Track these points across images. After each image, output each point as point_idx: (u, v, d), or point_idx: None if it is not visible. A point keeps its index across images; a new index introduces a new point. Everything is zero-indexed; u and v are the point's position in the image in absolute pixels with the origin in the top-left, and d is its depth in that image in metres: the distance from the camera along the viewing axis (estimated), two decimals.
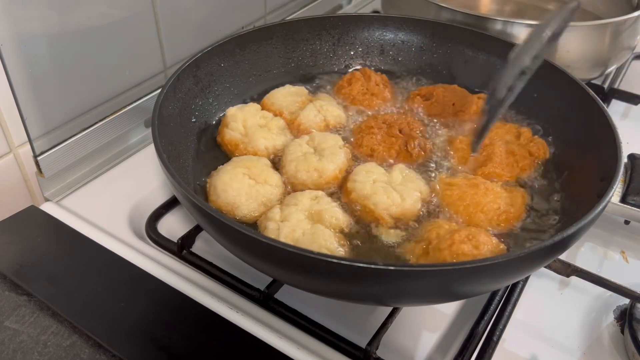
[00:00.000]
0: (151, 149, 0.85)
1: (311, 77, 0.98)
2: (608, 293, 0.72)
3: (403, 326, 0.68)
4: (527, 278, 0.72)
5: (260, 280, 0.68)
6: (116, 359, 0.59)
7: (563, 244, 0.55)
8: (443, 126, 0.87)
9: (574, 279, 0.72)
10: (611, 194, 0.59)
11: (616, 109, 1.10)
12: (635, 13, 0.97)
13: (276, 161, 0.79)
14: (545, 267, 0.67)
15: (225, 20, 1.06)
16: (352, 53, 1.01)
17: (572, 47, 0.95)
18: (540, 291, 0.73)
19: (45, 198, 0.82)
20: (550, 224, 0.71)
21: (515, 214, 0.70)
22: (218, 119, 0.87)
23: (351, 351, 0.62)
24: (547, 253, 0.55)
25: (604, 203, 0.58)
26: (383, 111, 0.90)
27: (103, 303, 0.64)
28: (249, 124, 0.81)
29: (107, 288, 0.66)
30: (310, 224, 0.66)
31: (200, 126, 0.84)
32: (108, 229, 0.76)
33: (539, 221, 0.71)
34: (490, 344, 0.63)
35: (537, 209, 0.73)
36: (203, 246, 0.76)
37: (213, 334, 0.62)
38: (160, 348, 0.60)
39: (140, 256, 0.72)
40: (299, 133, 0.84)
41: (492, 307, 0.67)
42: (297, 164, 0.75)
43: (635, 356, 0.64)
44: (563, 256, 0.67)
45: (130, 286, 0.67)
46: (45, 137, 0.80)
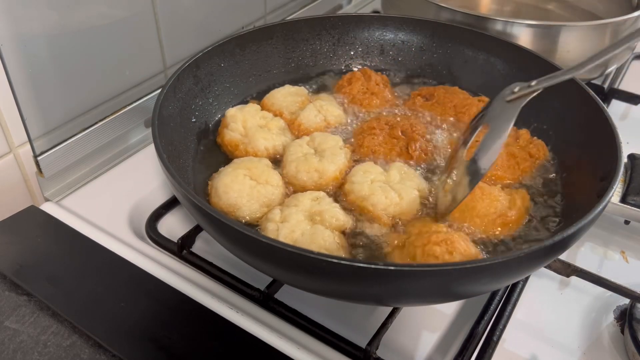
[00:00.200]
0: (151, 149, 0.85)
1: (311, 77, 0.98)
2: (608, 293, 0.72)
3: (403, 326, 0.68)
4: (527, 278, 0.72)
5: (260, 280, 0.68)
6: (116, 359, 0.59)
7: (563, 244, 0.55)
8: (443, 129, 0.87)
9: (574, 279, 0.72)
10: (611, 194, 0.59)
11: (616, 109, 1.10)
12: (635, 13, 0.97)
13: (277, 161, 0.79)
14: (545, 267, 0.67)
15: (225, 20, 1.06)
16: (352, 53, 1.01)
17: (572, 47, 0.95)
18: (540, 291, 0.73)
19: (45, 198, 0.82)
20: (550, 224, 0.71)
21: (515, 217, 0.70)
22: (218, 119, 0.87)
23: (351, 351, 0.62)
24: (547, 253, 0.55)
25: (604, 203, 0.58)
26: (383, 111, 0.90)
27: (103, 303, 0.64)
28: (249, 125, 0.81)
29: (107, 288, 0.66)
30: (310, 225, 0.66)
31: (200, 126, 0.84)
32: (108, 229, 0.76)
33: (539, 221, 0.71)
34: (490, 344, 0.63)
35: (538, 209, 0.73)
36: (203, 246, 0.76)
37: (213, 334, 0.62)
38: (160, 348, 0.60)
39: (140, 256, 0.72)
40: (299, 133, 0.84)
41: (492, 307, 0.67)
42: (298, 165, 0.75)
43: (635, 356, 0.64)
44: (563, 256, 0.67)
45: (130, 286, 0.67)
46: (45, 137, 0.80)
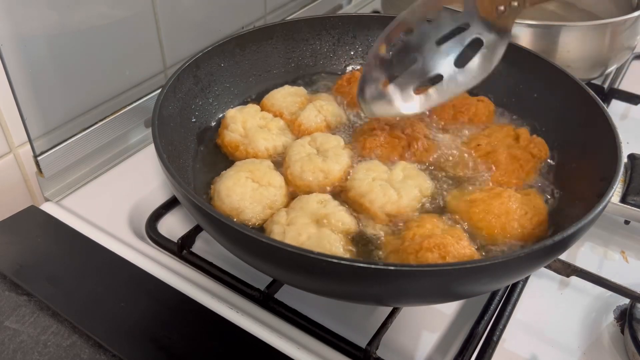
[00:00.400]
0: (151, 149, 0.85)
1: (311, 77, 0.98)
2: (608, 293, 0.72)
3: (403, 326, 0.68)
4: (527, 278, 0.72)
5: (260, 280, 0.68)
6: (116, 359, 0.59)
7: (563, 244, 0.55)
8: (442, 129, 0.86)
9: (574, 279, 0.72)
10: (611, 194, 0.59)
11: (616, 109, 1.10)
12: (635, 13, 0.97)
13: (276, 162, 0.79)
14: (545, 267, 0.67)
15: (225, 20, 1.06)
16: (352, 53, 1.01)
17: (572, 47, 0.95)
18: (540, 291, 0.73)
19: (45, 198, 0.82)
20: (550, 224, 0.71)
21: (544, 215, 0.69)
22: (218, 119, 0.87)
23: (351, 351, 0.62)
24: (547, 253, 0.55)
25: (604, 203, 0.58)
26: None
27: (103, 303, 0.64)
28: (249, 125, 0.81)
29: (107, 288, 0.66)
30: (316, 228, 0.66)
31: (200, 126, 0.84)
32: (108, 229, 0.76)
33: None
34: (490, 344, 0.63)
35: None
36: (203, 246, 0.76)
37: (213, 334, 0.62)
38: (160, 348, 0.60)
39: (140, 256, 0.72)
40: (300, 133, 0.84)
41: (492, 307, 0.67)
42: (303, 165, 0.74)
43: (635, 356, 0.64)
44: (563, 256, 0.67)
45: (130, 286, 0.67)
46: (45, 137, 0.80)
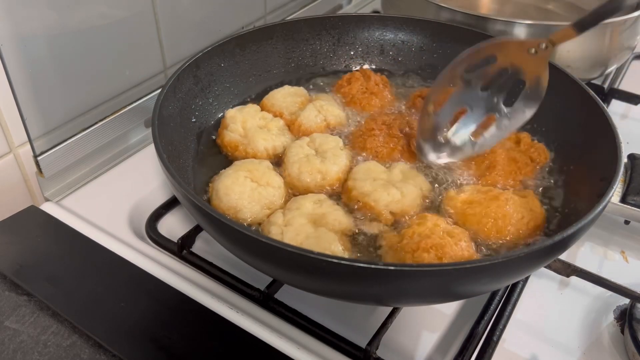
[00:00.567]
0: (151, 149, 0.85)
1: (311, 77, 0.98)
2: (608, 293, 0.72)
3: (403, 326, 0.68)
4: (527, 278, 0.72)
5: (260, 280, 0.68)
6: (116, 359, 0.59)
7: (563, 244, 0.55)
8: None
9: (574, 279, 0.72)
10: (611, 194, 0.59)
11: (616, 109, 1.10)
12: (635, 13, 0.97)
13: (276, 162, 0.79)
14: (545, 267, 0.67)
15: (225, 20, 1.06)
16: (352, 53, 1.01)
17: (572, 47, 0.95)
18: (540, 291, 0.73)
19: (45, 198, 0.82)
20: (550, 224, 0.71)
21: (540, 219, 0.69)
22: (218, 119, 0.87)
23: (351, 351, 0.62)
24: (547, 253, 0.55)
25: (604, 203, 0.58)
26: (382, 111, 0.90)
27: (103, 303, 0.64)
28: (249, 125, 0.81)
29: (107, 288, 0.66)
30: (313, 228, 0.66)
31: (200, 126, 0.84)
32: (108, 229, 0.76)
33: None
34: (490, 344, 0.63)
35: None
36: (203, 246, 0.76)
37: (213, 334, 0.62)
38: (160, 348, 0.60)
39: (140, 256, 0.72)
40: (300, 134, 0.84)
41: (492, 307, 0.67)
42: (300, 166, 0.75)
43: (635, 356, 0.64)
44: (563, 256, 0.67)
45: (130, 286, 0.67)
46: (45, 137, 0.80)
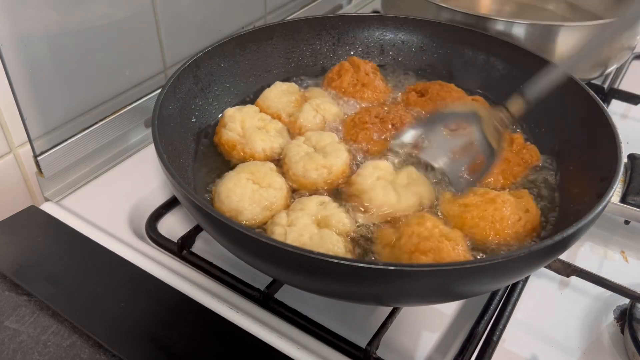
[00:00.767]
0: (151, 149, 0.85)
1: (311, 77, 0.98)
2: (608, 293, 0.72)
3: (403, 326, 0.68)
4: (527, 278, 0.72)
5: (260, 280, 0.68)
6: (116, 359, 0.59)
7: (563, 244, 0.55)
8: None
9: (574, 279, 0.72)
10: (611, 194, 0.59)
11: (616, 109, 1.10)
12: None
13: (276, 164, 0.79)
14: (545, 267, 0.67)
15: (225, 20, 1.06)
16: (352, 53, 1.01)
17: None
18: (540, 291, 0.73)
19: (45, 198, 0.82)
20: (550, 224, 0.71)
21: (537, 219, 0.69)
22: (218, 119, 0.86)
23: (351, 351, 0.62)
24: (547, 253, 0.55)
25: (604, 203, 0.58)
26: (375, 104, 0.90)
27: (103, 303, 0.64)
28: (247, 125, 0.81)
29: (107, 288, 0.66)
30: (317, 229, 0.66)
31: (200, 126, 0.84)
32: (108, 229, 0.76)
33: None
34: (490, 344, 0.63)
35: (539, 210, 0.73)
36: (203, 246, 0.76)
37: (213, 334, 0.62)
38: (160, 348, 0.60)
39: (140, 256, 0.72)
40: (300, 135, 0.83)
41: (492, 307, 0.67)
42: (305, 164, 0.74)
43: (635, 356, 0.64)
44: (563, 256, 0.67)
45: (130, 286, 0.67)
46: (45, 137, 0.80)
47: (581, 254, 0.80)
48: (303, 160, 0.75)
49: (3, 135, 0.76)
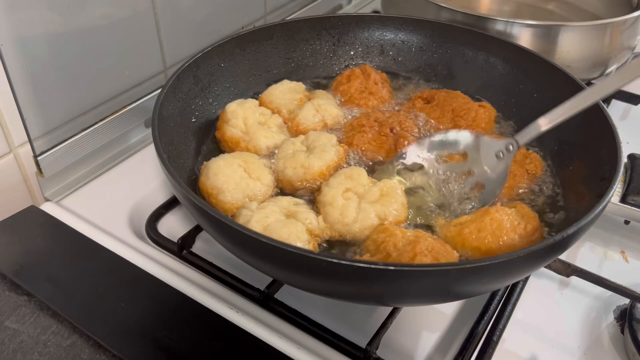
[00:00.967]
0: (151, 149, 0.85)
1: (311, 77, 0.98)
2: (608, 293, 0.72)
3: (403, 326, 0.68)
4: (527, 278, 0.72)
5: (260, 280, 0.68)
6: (116, 359, 0.59)
7: (563, 244, 0.55)
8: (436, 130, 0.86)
9: (574, 279, 0.72)
10: (611, 194, 0.59)
11: (616, 109, 1.10)
12: (635, 13, 0.97)
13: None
14: (545, 267, 0.67)
15: (225, 20, 1.06)
16: (352, 53, 1.01)
17: (572, 47, 0.95)
18: (540, 291, 0.73)
19: (45, 198, 0.82)
20: (550, 224, 0.71)
21: (536, 223, 0.68)
22: (218, 119, 0.87)
23: (351, 351, 0.62)
24: (547, 253, 0.55)
25: (604, 203, 0.58)
26: (379, 108, 0.90)
27: (103, 303, 0.64)
28: (250, 122, 0.81)
29: (107, 288, 0.66)
30: (284, 217, 0.66)
31: (200, 126, 0.84)
32: (108, 229, 0.76)
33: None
34: (490, 344, 0.63)
35: (538, 210, 0.73)
36: (203, 246, 0.76)
37: (213, 334, 0.62)
38: (160, 348, 0.60)
39: (140, 256, 0.72)
40: (297, 133, 0.83)
41: (492, 307, 0.67)
42: (285, 161, 0.75)
43: (635, 356, 0.64)
44: (563, 256, 0.67)
45: (130, 286, 0.67)
46: (45, 137, 0.80)
47: (581, 254, 0.80)
48: (286, 157, 0.76)
49: (3, 135, 0.76)
